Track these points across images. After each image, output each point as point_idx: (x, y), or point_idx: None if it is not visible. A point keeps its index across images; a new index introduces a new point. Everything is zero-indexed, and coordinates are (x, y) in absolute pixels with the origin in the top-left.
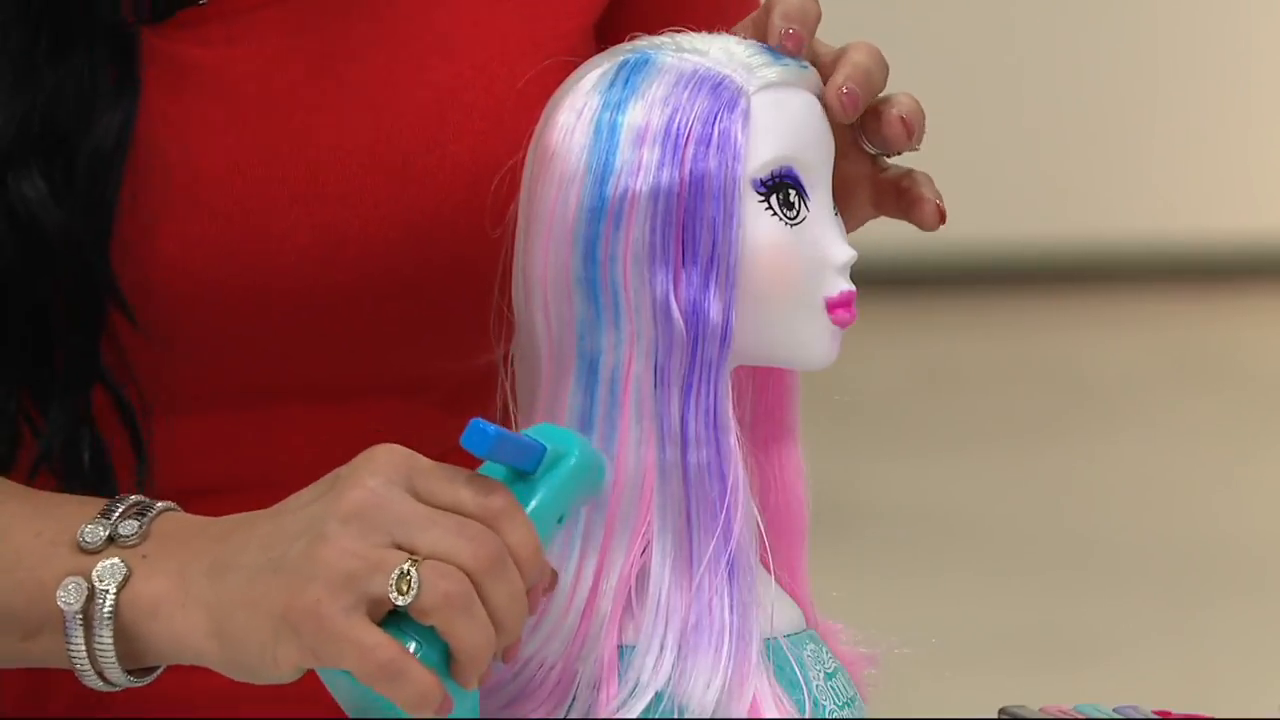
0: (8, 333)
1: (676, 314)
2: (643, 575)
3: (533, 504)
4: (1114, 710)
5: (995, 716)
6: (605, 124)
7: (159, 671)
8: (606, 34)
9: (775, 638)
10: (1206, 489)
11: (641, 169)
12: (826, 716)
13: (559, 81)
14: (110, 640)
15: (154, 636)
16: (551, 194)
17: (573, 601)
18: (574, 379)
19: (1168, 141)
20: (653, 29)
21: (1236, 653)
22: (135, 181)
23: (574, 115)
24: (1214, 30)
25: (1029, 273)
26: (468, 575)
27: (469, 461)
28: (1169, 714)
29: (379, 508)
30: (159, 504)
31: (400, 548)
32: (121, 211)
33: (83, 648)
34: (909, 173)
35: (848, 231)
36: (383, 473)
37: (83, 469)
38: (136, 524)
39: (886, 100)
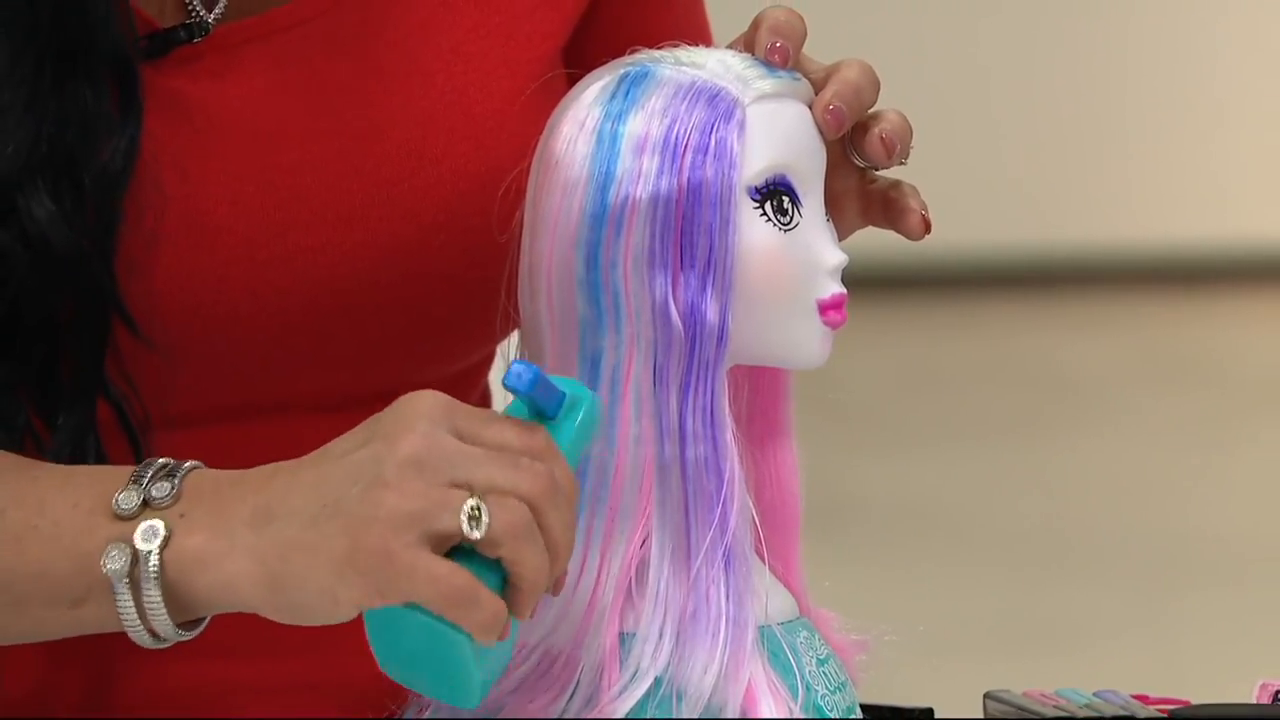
0: (17, 348)
1: (675, 316)
2: (643, 566)
3: (563, 446)
4: (1094, 694)
5: (981, 700)
6: (607, 134)
7: (206, 623)
8: (573, 57)
9: (770, 625)
10: (1181, 483)
11: (641, 177)
12: (818, 701)
13: (535, 104)
14: (159, 597)
15: (202, 589)
16: (555, 201)
17: (577, 592)
18: (577, 377)
19: (1142, 151)
20: (613, 52)
21: (1210, 639)
22: (137, 208)
23: (577, 126)
24: (1187, 45)
25: (1011, 277)
26: (527, 505)
27: None
28: (1146, 697)
29: (433, 450)
30: (186, 463)
31: (457, 486)
32: (125, 235)
33: (133, 608)
34: (896, 184)
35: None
36: (428, 417)
37: None
38: (169, 485)
39: (874, 117)
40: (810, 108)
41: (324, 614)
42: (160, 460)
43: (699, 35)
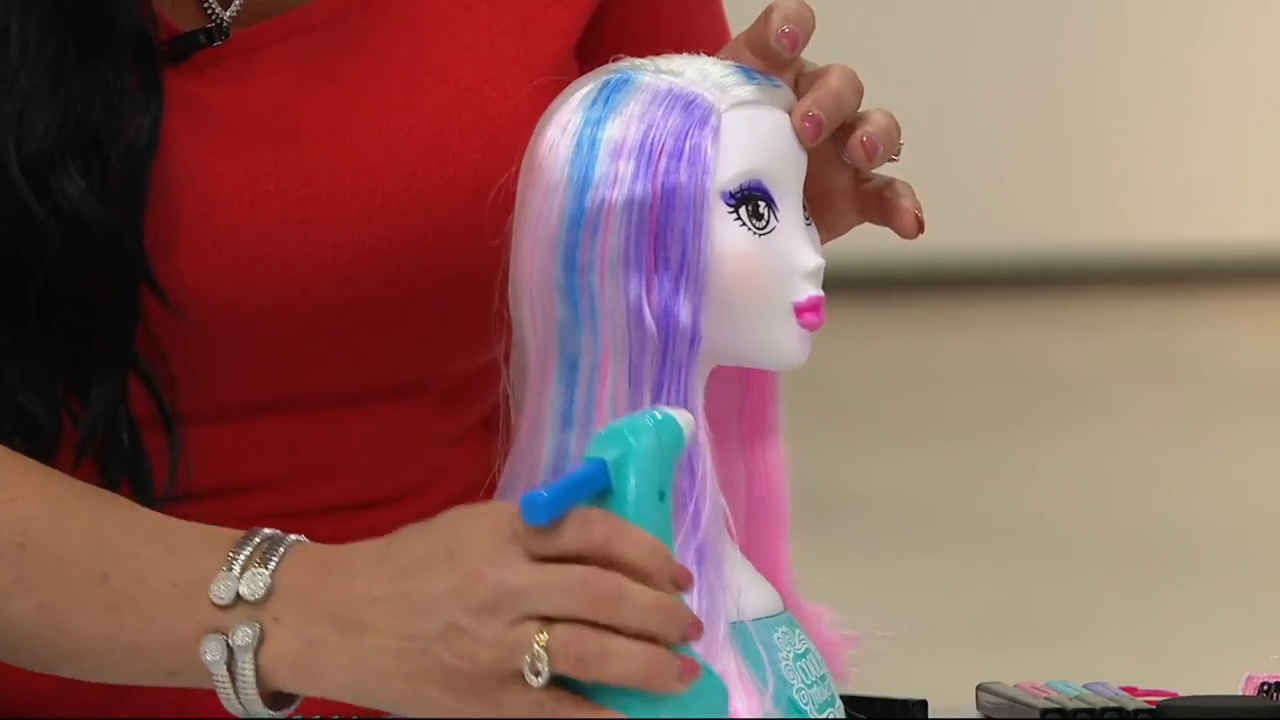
0: (51, 322)
1: (649, 318)
2: None
3: (628, 511)
4: (1084, 686)
5: (974, 691)
6: (586, 139)
7: (301, 699)
8: (586, 55)
9: (743, 621)
10: (1166, 478)
11: (617, 181)
12: (792, 695)
13: (548, 101)
14: (254, 691)
15: (296, 687)
16: (538, 203)
17: None
18: (555, 377)
19: (1131, 156)
20: (627, 50)
21: (1196, 632)
22: (157, 204)
23: (560, 130)
24: (1175, 50)
25: (1000, 277)
26: (591, 626)
27: (471, 457)
28: (1135, 689)
29: (502, 591)
30: (284, 543)
31: (529, 619)
32: (148, 228)
33: (230, 691)
34: (891, 183)
35: (833, 238)
36: (491, 548)
37: (122, 448)
38: (262, 578)
39: (860, 118)
40: (790, 114)
41: None
42: (261, 535)
43: (716, 36)
